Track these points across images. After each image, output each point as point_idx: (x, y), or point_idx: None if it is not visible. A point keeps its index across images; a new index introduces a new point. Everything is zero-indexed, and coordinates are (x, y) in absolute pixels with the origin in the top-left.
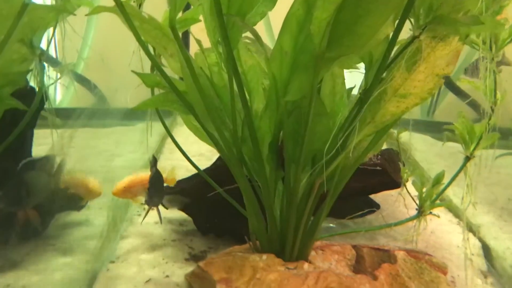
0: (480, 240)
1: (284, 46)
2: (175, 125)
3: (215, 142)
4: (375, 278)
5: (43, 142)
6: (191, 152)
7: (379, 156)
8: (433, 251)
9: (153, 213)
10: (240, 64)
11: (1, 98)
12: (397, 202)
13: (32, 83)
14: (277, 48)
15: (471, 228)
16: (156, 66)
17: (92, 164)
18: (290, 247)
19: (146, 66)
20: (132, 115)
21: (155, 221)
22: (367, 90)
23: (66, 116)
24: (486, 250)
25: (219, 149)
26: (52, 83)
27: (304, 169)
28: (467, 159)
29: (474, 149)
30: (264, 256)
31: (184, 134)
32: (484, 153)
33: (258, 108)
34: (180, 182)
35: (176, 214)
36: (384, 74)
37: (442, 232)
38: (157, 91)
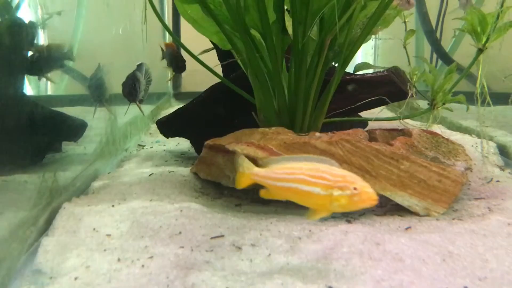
0: (496, 142)
1: None
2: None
3: (215, 19)
4: (390, 145)
5: None
6: None
7: (385, 71)
8: None
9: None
10: None
11: None
12: None
13: None
14: None
15: (484, 136)
16: None
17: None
18: (301, 119)
19: None
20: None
21: (156, 149)
22: None
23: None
24: (502, 149)
25: (221, 28)
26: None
27: (311, 29)
28: (479, 51)
29: (487, 40)
30: (274, 128)
31: None
32: None
33: None
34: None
35: (176, 147)
36: None
37: (455, 138)
38: None
